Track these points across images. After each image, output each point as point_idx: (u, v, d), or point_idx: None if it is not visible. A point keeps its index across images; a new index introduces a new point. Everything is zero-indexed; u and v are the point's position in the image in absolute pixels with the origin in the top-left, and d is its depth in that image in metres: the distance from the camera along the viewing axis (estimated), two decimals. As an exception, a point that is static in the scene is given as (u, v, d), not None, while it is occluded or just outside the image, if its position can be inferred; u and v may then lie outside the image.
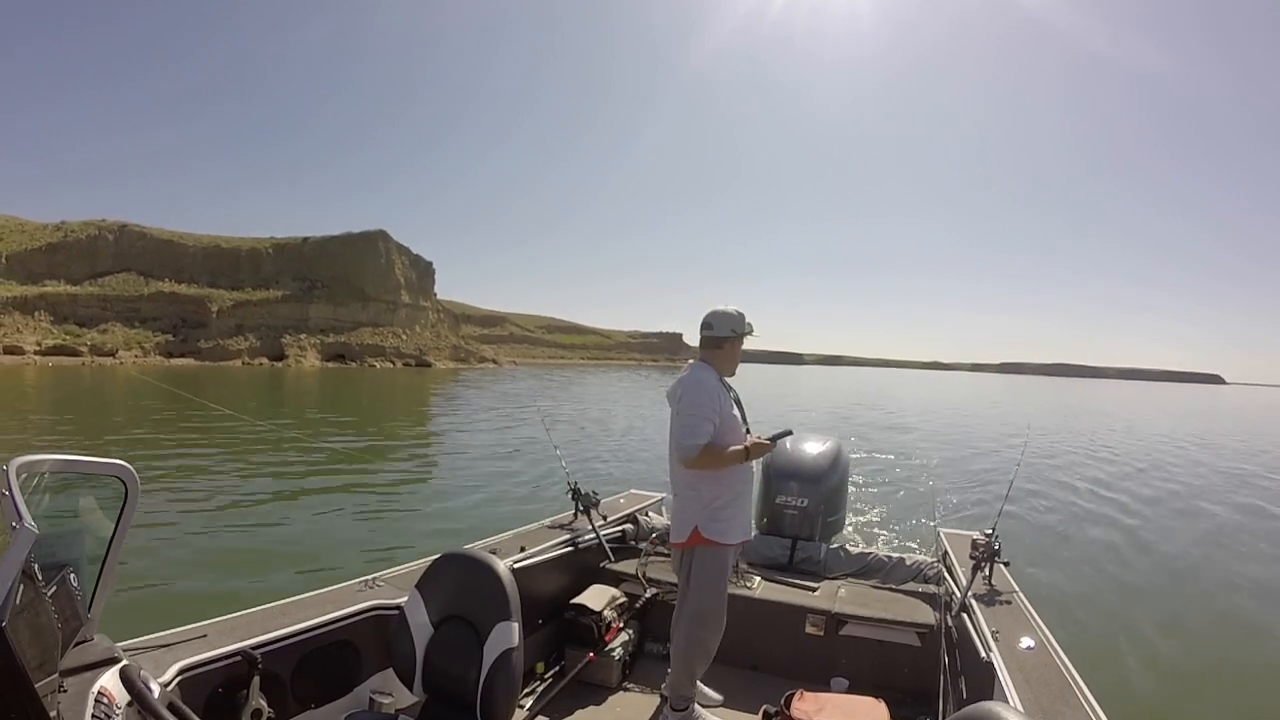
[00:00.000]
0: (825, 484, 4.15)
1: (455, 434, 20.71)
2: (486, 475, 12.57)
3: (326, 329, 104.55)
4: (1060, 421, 31.07)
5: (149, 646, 2.02)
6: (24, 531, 1.22)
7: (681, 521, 2.85)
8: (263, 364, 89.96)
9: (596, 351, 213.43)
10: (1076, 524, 10.00)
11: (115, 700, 1.46)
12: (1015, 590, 3.06)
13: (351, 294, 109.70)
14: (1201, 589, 7.38)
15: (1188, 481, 14.88)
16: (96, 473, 1.76)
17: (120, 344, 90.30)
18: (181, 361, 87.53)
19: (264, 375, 65.42)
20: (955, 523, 8.42)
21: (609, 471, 12.87)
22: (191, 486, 10.88)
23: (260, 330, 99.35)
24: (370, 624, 2.53)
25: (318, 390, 43.94)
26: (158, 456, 13.32)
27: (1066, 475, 14.39)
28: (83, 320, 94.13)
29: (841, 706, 2.67)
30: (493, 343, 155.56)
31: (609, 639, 3.36)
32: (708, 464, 2.70)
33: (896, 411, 33.88)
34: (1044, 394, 75.11)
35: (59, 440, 15.77)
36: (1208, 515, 11.26)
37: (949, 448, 18.91)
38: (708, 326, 2.92)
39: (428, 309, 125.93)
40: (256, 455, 13.99)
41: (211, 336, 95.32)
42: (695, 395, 2.74)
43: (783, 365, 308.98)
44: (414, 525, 9.02)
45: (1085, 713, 1.99)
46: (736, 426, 2.83)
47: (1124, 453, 19.85)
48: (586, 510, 4.00)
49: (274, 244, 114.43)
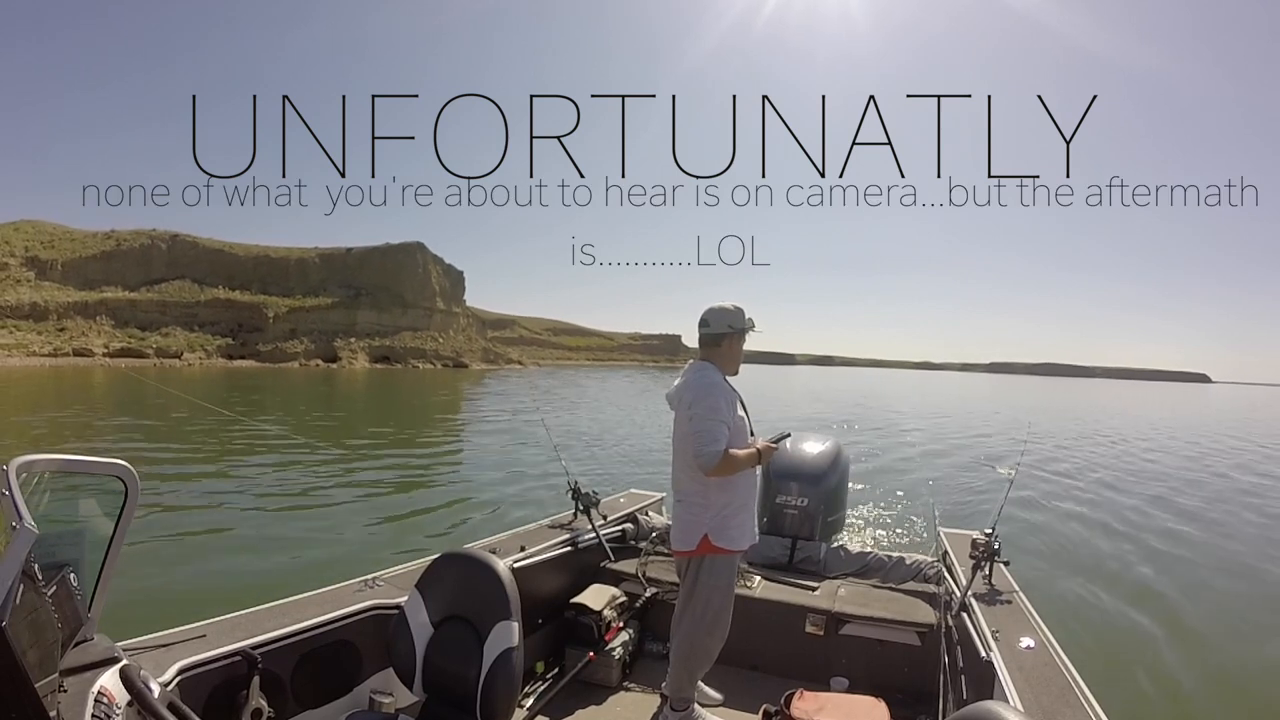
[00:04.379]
0: (825, 484, 4.16)
1: (466, 434, 20.74)
2: (487, 475, 12.57)
3: (372, 333, 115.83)
4: (1059, 421, 31.06)
5: (149, 646, 2.02)
6: (24, 531, 1.22)
7: (689, 528, 2.75)
8: (318, 365, 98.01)
9: (600, 353, 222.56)
10: (1077, 523, 9.99)
11: (115, 700, 1.47)
12: (1015, 590, 3.06)
13: (393, 300, 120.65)
14: (1202, 588, 7.38)
15: (1187, 481, 14.87)
16: (96, 473, 1.76)
17: (184, 347, 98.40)
18: (243, 363, 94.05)
19: (319, 376, 70.47)
20: (955, 522, 8.41)
21: (609, 471, 12.86)
22: (191, 486, 10.88)
23: (314, 334, 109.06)
24: (370, 624, 2.53)
25: (364, 391, 47.14)
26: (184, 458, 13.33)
27: (1067, 475, 14.39)
28: (143, 324, 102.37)
29: (841, 706, 2.67)
30: (502, 345, 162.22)
31: (609, 639, 3.36)
32: (726, 470, 2.59)
33: (896, 411, 33.89)
34: (1034, 394, 75.09)
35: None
36: (1208, 515, 11.26)
37: (949, 447, 18.90)
38: (705, 324, 2.82)
39: (459, 314, 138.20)
40: (257, 455, 13.98)
41: (269, 340, 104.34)
42: (711, 400, 2.63)
43: (774, 366, 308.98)
44: (414, 525, 9.02)
45: (1085, 713, 1.99)
46: (744, 429, 2.75)
47: (1124, 453, 19.85)
48: (586, 510, 4.00)
49: (320, 254, 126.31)
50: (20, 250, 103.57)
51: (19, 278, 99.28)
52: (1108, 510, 11.08)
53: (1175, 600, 6.93)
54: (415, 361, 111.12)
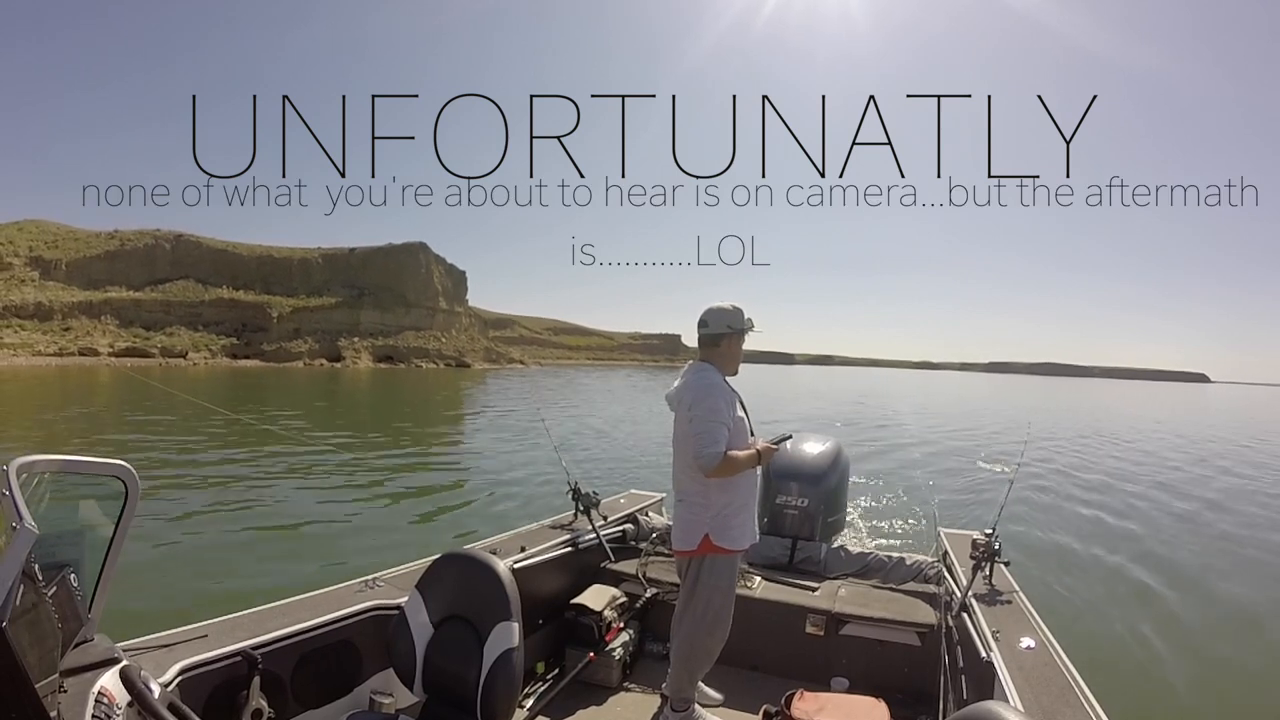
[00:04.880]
0: (825, 484, 4.16)
1: (467, 434, 20.73)
2: (488, 475, 12.57)
3: (375, 333, 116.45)
4: (1058, 421, 31.05)
5: (149, 646, 2.02)
6: (24, 532, 1.22)
7: (690, 528, 2.77)
8: (322, 365, 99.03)
9: (600, 352, 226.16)
10: (1077, 524, 9.99)
11: (115, 700, 1.47)
12: (1015, 590, 3.06)
13: (395, 300, 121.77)
14: (1202, 588, 7.38)
15: (1187, 482, 14.87)
16: (97, 473, 1.76)
17: (189, 346, 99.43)
18: (247, 363, 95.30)
19: (324, 375, 71.07)
20: (955, 522, 8.42)
21: (609, 471, 12.86)
22: (193, 487, 10.88)
23: (317, 334, 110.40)
24: (370, 624, 2.53)
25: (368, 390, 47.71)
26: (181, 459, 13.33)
27: (1067, 475, 14.39)
28: (147, 324, 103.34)
29: (842, 706, 2.67)
30: (503, 345, 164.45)
31: (609, 639, 3.36)
32: (727, 471, 2.61)
33: (895, 410, 33.89)
34: (1032, 394, 75.20)
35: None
36: (1209, 514, 11.26)
37: (949, 447, 18.90)
38: (703, 324, 2.82)
39: (461, 314, 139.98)
40: (258, 455, 13.98)
41: (273, 340, 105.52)
42: (712, 401, 2.65)
43: (774, 365, 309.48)
44: (415, 525, 9.02)
45: (1085, 713, 1.99)
46: (743, 430, 2.75)
47: (1124, 452, 19.84)
48: (587, 510, 4.00)
49: (322, 254, 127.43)
50: (24, 250, 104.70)
51: (23, 277, 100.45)
52: (1108, 511, 11.08)
53: (1175, 600, 6.92)
54: (418, 361, 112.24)
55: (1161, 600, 6.91)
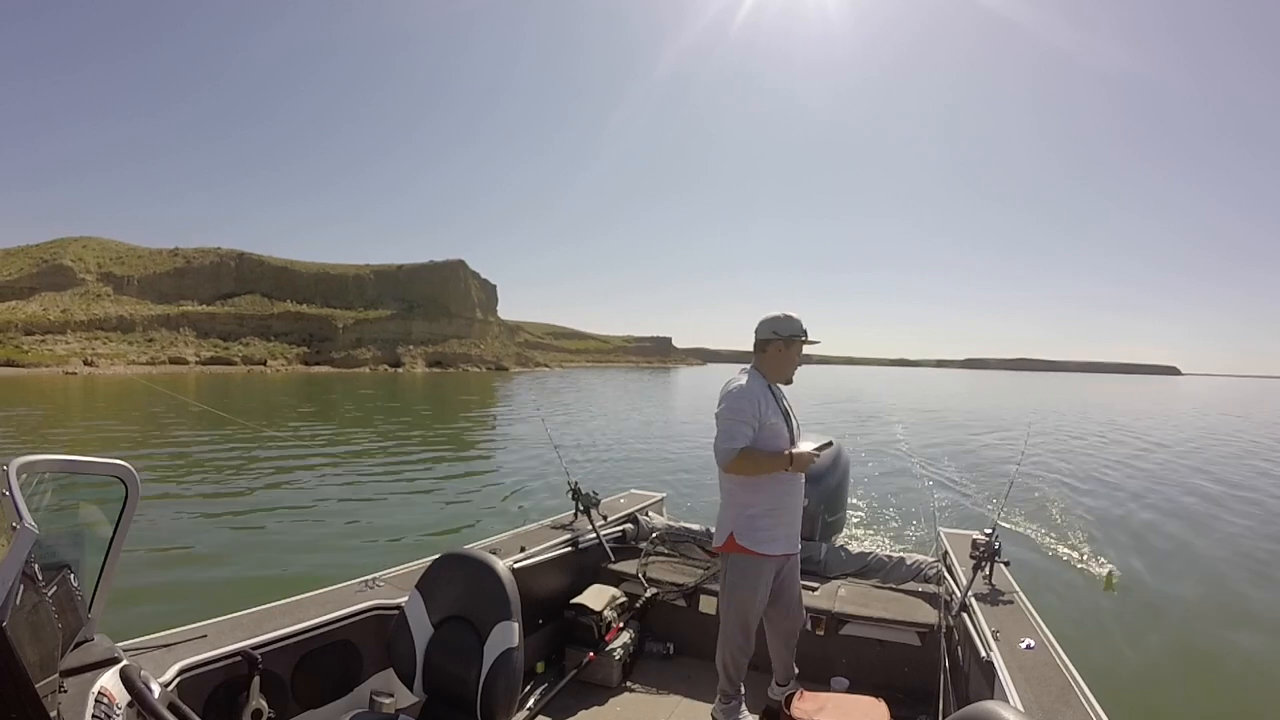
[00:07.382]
0: (825, 483, 4.15)
1: (470, 435, 20.75)
2: (488, 476, 12.57)
3: (425, 341, 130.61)
4: (1054, 419, 31.02)
5: (149, 646, 2.02)
6: (24, 532, 1.22)
7: (720, 525, 2.87)
8: (385, 370, 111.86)
9: (597, 355, 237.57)
10: (1077, 524, 9.98)
11: (115, 700, 1.46)
12: (1015, 590, 3.06)
13: (440, 312, 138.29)
14: (1203, 587, 7.37)
15: (1189, 480, 14.86)
16: (97, 473, 1.76)
17: (265, 355, 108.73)
18: (320, 369, 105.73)
19: (387, 379, 79.34)
20: (955, 522, 8.41)
21: (609, 471, 12.87)
22: (193, 487, 10.88)
23: (377, 343, 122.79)
24: (370, 624, 2.53)
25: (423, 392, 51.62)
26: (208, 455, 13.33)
27: (1068, 475, 14.37)
28: (223, 335, 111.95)
29: (842, 706, 2.67)
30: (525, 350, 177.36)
31: (609, 639, 3.36)
32: (745, 469, 2.67)
33: (887, 409, 33.88)
34: (1007, 389, 74.97)
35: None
36: (1209, 514, 11.24)
37: (949, 447, 18.89)
38: (756, 332, 2.95)
39: (493, 323, 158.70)
40: (259, 455, 13.99)
41: (341, 348, 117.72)
42: (733, 400, 2.73)
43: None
44: (414, 526, 9.02)
45: (1085, 713, 1.99)
46: (778, 435, 2.77)
47: (1124, 452, 19.83)
48: (587, 510, 4.00)
49: (373, 270, 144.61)
50: (94, 266, 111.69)
51: (98, 292, 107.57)
52: (1108, 510, 11.07)
53: (1175, 600, 6.92)
54: (465, 366, 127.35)
55: (1163, 600, 6.91)
